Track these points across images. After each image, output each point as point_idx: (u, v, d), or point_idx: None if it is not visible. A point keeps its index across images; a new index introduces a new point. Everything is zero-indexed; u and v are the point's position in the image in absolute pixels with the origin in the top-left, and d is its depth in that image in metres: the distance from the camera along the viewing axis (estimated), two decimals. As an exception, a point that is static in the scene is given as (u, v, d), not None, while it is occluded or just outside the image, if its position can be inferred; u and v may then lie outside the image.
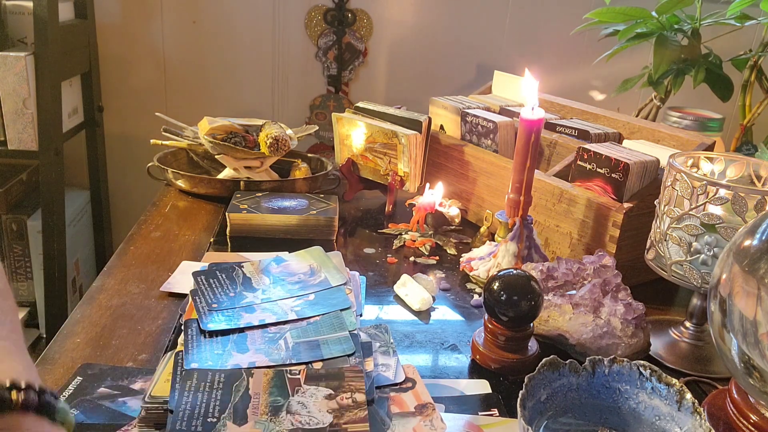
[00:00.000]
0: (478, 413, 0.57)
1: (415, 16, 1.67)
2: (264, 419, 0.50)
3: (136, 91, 1.66)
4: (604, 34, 1.36)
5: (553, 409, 0.54)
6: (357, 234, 0.98)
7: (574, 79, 1.71)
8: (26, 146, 1.29)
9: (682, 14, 1.28)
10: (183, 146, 1.13)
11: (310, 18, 1.64)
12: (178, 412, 0.49)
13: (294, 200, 0.96)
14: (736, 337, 0.50)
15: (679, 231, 0.66)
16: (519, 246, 0.79)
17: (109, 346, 0.64)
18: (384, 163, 1.06)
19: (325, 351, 0.59)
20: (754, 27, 1.30)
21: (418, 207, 0.96)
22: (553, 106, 1.11)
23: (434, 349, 0.68)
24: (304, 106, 1.72)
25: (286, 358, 0.58)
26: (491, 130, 1.00)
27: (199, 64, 1.65)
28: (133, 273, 0.79)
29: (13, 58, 1.23)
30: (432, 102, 1.13)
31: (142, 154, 1.19)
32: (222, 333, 0.61)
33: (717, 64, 1.28)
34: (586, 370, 0.55)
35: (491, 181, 0.98)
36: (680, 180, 0.65)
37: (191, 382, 0.52)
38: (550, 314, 0.69)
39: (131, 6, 1.59)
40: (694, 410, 0.51)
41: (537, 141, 0.77)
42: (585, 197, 0.82)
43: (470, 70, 1.72)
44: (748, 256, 0.50)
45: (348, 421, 0.50)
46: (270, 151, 1.04)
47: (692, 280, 0.66)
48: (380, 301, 0.78)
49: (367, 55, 1.68)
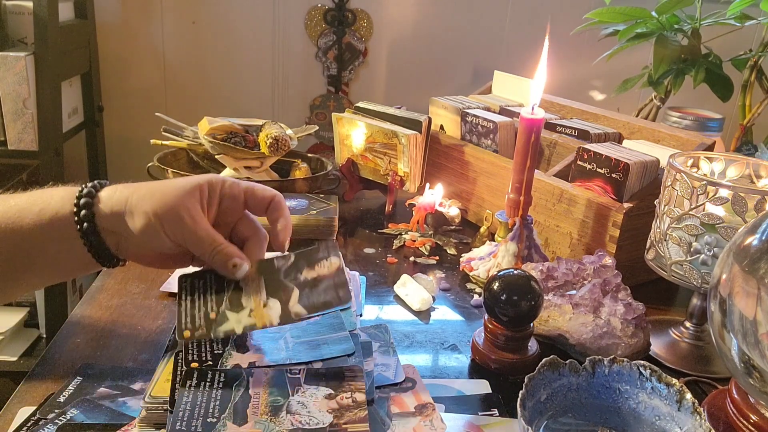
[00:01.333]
0: (478, 413, 0.57)
1: (415, 16, 1.67)
2: (264, 419, 0.50)
3: (136, 91, 1.66)
4: (604, 34, 1.36)
5: (553, 409, 0.54)
6: (357, 234, 0.98)
7: (574, 79, 1.71)
8: (26, 146, 1.29)
9: (682, 14, 1.28)
10: (183, 146, 1.13)
11: (310, 18, 1.64)
12: (177, 412, 0.49)
13: (294, 200, 0.96)
14: (736, 337, 0.50)
15: (679, 231, 0.66)
16: (519, 246, 0.79)
17: (109, 346, 0.64)
18: (384, 163, 1.06)
19: (325, 351, 0.59)
20: (754, 27, 1.30)
21: (418, 207, 0.96)
22: (553, 106, 1.11)
23: (434, 349, 0.68)
24: (304, 106, 1.72)
25: (286, 358, 0.58)
26: (491, 130, 1.00)
27: (199, 64, 1.65)
28: (133, 273, 0.79)
29: (13, 58, 1.23)
30: (432, 102, 1.13)
31: (142, 154, 1.19)
32: None
33: (717, 64, 1.28)
34: (586, 370, 0.55)
35: (491, 181, 0.98)
36: (680, 180, 0.65)
37: (191, 382, 0.52)
38: (550, 314, 0.69)
39: (131, 6, 1.59)
40: (694, 410, 0.51)
41: (537, 141, 0.77)
42: (585, 197, 0.82)
43: (470, 70, 1.72)
44: (748, 256, 0.50)
45: (348, 421, 0.50)
46: (270, 151, 1.04)
47: (692, 280, 0.66)
48: (380, 301, 0.78)
49: (367, 55, 1.69)
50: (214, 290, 0.58)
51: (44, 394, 0.55)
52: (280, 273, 0.59)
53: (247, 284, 0.58)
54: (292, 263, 0.60)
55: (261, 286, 0.57)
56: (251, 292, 0.57)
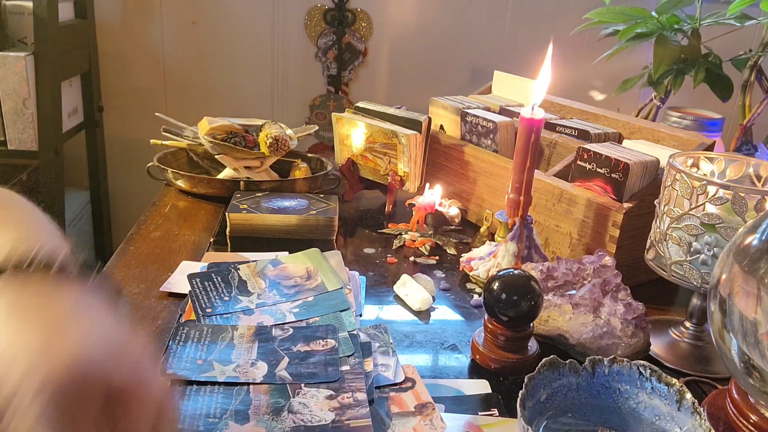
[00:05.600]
0: (478, 413, 0.57)
1: (415, 16, 1.67)
2: (266, 418, 0.50)
3: (136, 91, 1.66)
4: (604, 34, 1.36)
5: (553, 409, 0.54)
6: (357, 234, 0.98)
7: (574, 79, 1.71)
8: (26, 146, 1.29)
9: (682, 14, 1.28)
10: (183, 146, 1.13)
11: (310, 18, 1.64)
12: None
13: (294, 200, 0.96)
14: (736, 337, 0.50)
15: (679, 231, 0.66)
16: (519, 246, 0.79)
17: (109, 346, 0.64)
18: (384, 163, 1.06)
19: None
20: (754, 27, 1.30)
21: (418, 207, 0.96)
22: (553, 106, 1.11)
23: (434, 349, 0.68)
24: (304, 106, 1.72)
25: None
26: (491, 130, 1.00)
27: (199, 64, 1.65)
28: (133, 273, 0.79)
29: (13, 58, 1.23)
30: (432, 102, 1.13)
31: (142, 154, 1.20)
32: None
33: (717, 64, 1.28)
34: (586, 370, 0.55)
35: (491, 181, 0.98)
36: (680, 180, 0.65)
37: (192, 386, 0.52)
38: (550, 314, 0.69)
39: (131, 6, 1.59)
40: (694, 410, 0.51)
41: (537, 141, 0.77)
42: (585, 197, 0.82)
43: (470, 70, 1.72)
44: (748, 256, 0.50)
45: (350, 417, 0.50)
46: (270, 151, 1.04)
47: (692, 280, 0.66)
48: (380, 301, 0.78)
49: (367, 55, 1.69)
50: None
51: (44, 394, 0.55)
52: (275, 342, 0.61)
53: (240, 344, 0.60)
54: (289, 335, 0.62)
55: (253, 349, 0.60)
56: (242, 353, 0.59)
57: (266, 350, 0.59)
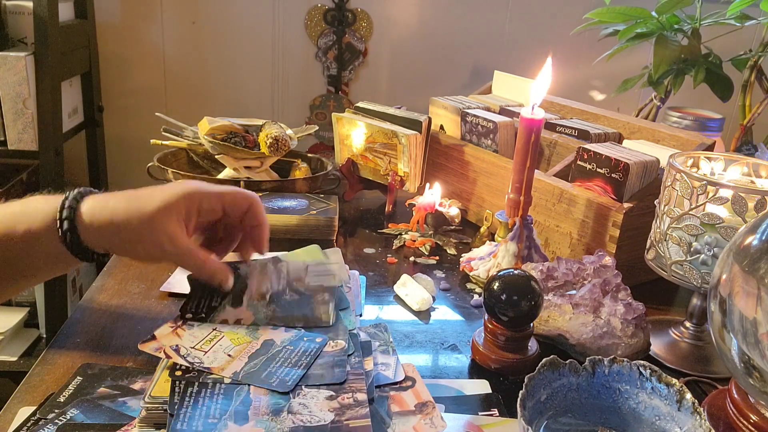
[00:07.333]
0: (478, 413, 0.57)
1: (415, 16, 1.67)
2: (265, 419, 0.50)
3: (136, 91, 1.66)
4: (604, 34, 1.36)
5: (553, 409, 0.54)
6: (357, 234, 0.98)
7: (574, 79, 1.71)
8: (26, 146, 1.29)
9: (682, 14, 1.28)
10: (183, 146, 1.13)
11: (310, 18, 1.64)
12: (179, 414, 0.49)
13: (294, 200, 0.96)
14: (736, 337, 0.50)
15: (679, 231, 0.66)
16: (519, 246, 0.79)
17: (109, 346, 0.64)
18: (384, 163, 1.06)
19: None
20: (754, 27, 1.30)
21: (418, 207, 0.96)
22: (553, 106, 1.11)
23: (434, 349, 0.68)
24: (304, 106, 1.72)
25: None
26: (491, 130, 1.00)
27: (199, 64, 1.65)
28: (133, 273, 0.79)
29: (13, 58, 1.23)
30: (432, 102, 1.13)
31: (142, 154, 1.19)
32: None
33: (717, 64, 1.28)
34: (586, 370, 0.55)
35: (491, 181, 0.98)
36: (680, 180, 0.65)
37: (192, 390, 0.52)
38: (550, 314, 0.69)
39: (131, 6, 1.59)
40: (694, 410, 0.51)
41: (537, 141, 0.77)
42: (585, 197, 0.82)
43: (470, 70, 1.72)
44: (748, 256, 0.50)
45: (350, 417, 0.50)
46: (270, 151, 1.04)
47: (692, 280, 0.66)
48: (380, 301, 0.78)
49: (367, 55, 1.69)
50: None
51: (44, 394, 0.55)
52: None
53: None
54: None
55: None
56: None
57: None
